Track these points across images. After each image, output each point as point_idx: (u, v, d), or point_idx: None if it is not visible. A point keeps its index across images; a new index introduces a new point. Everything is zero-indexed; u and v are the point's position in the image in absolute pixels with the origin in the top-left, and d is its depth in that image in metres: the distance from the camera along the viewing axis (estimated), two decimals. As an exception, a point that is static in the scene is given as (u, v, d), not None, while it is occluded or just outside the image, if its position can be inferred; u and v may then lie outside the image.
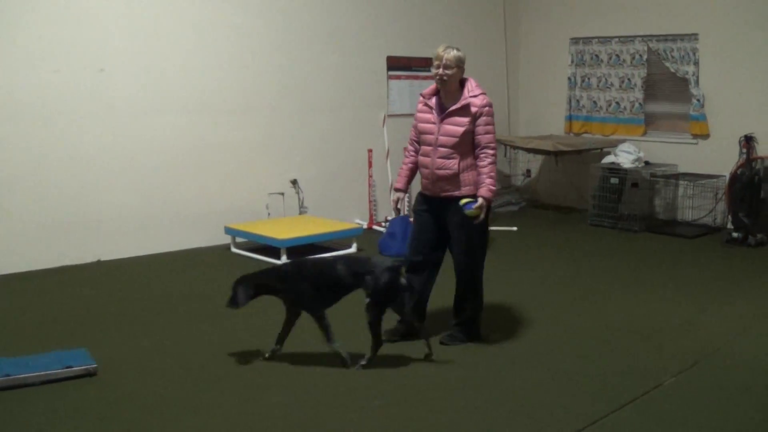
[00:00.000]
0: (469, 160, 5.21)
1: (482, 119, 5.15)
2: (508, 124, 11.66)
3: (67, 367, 4.86)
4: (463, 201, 5.11)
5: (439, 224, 5.38)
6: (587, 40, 11.06)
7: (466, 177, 5.21)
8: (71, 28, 7.58)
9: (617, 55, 10.75)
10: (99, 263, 7.84)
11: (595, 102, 11.12)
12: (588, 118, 11.22)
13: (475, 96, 5.18)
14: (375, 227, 9.82)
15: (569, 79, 11.30)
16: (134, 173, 8.05)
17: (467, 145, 5.20)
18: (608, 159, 10.12)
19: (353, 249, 8.30)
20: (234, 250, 8.36)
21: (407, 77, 10.37)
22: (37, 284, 7.16)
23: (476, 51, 10.00)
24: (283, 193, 9.09)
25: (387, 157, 10.01)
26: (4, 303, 6.62)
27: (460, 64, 5.17)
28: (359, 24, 9.74)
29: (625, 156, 9.91)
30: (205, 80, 8.43)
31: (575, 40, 11.18)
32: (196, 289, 6.97)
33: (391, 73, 10.22)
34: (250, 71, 8.69)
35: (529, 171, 11.79)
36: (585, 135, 11.22)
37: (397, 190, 5.59)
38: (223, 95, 8.57)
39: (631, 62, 10.62)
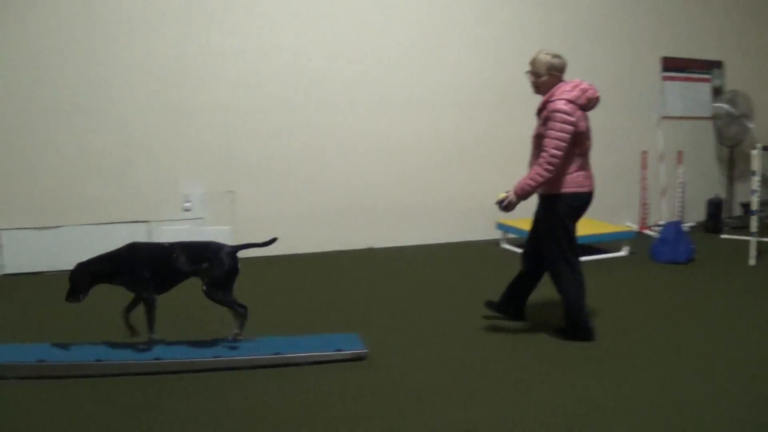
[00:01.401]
0: None
1: (549, 124, 5.05)
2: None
3: (338, 350, 4.91)
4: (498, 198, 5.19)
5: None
6: None
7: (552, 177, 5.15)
8: (355, 19, 7.88)
9: None
10: (371, 250, 8.07)
11: None
12: None
13: (551, 101, 5.10)
14: (646, 231, 9.42)
15: None
16: (410, 165, 8.22)
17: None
18: None
19: (624, 252, 8.04)
20: (504, 245, 8.34)
21: (683, 79, 9.96)
22: (311, 266, 7.42)
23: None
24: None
25: (661, 160, 9.56)
26: (280, 283, 6.90)
27: (551, 70, 5.15)
28: (632, 23, 9.38)
29: None
30: (476, 77, 8.41)
31: None
32: (465, 282, 6.91)
33: (666, 74, 9.81)
34: (515, 69, 8.58)
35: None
36: None
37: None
38: (494, 91, 8.52)
39: None
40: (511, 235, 8.26)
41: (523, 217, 8.36)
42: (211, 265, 4.90)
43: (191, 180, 7.65)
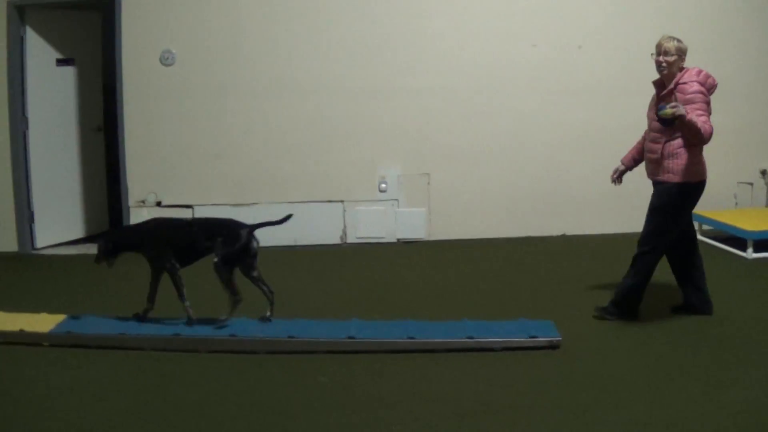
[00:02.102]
0: (672, 147, 5.20)
1: (693, 105, 5.05)
2: None
3: (532, 337, 4.87)
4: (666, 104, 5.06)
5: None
6: None
7: (670, 164, 5.21)
8: (551, 3, 7.77)
9: None
10: (564, 237, 7.99)
11: None
12: None
13: (684, 83, 5.15)
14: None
15: None
16: (608, 153, 8.02)
17: (671, 132, 5.18)
18: None
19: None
20: (700, 237, 8.06)
21: None
22: (502, 252, 7.42)
23: None
24: (752, 183, 8.55)
25: None
26: (470, 266, 6.95)
27: (680, 53, 5.22)
28: None
29: None
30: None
31: None
32: (661, 273, 6.68)
33: None
34: (729, 58, 8.22)
35: None
36: None
37: (622, 162, 5.85)
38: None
39: None
40: (706, 227, 7.96)
41: (720, 209, 8.09)
42: (224, 240, 5.09)
43: (388, 161, 7.81)
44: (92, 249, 7.82)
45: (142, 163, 7.79)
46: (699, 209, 7.91)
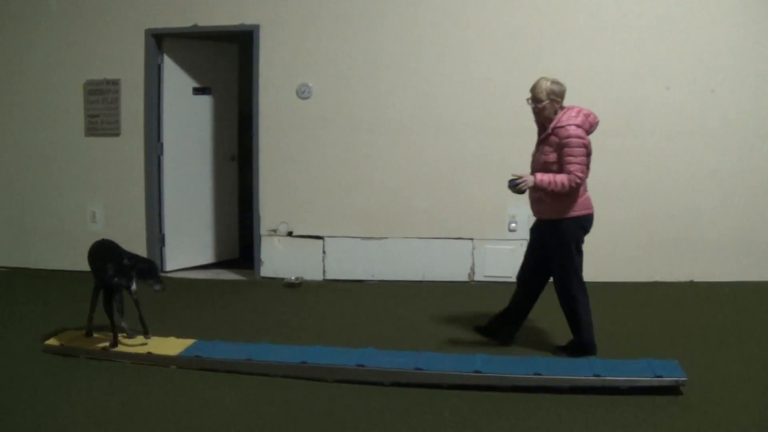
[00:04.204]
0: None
1: (566, 150, 5.21)
2: None
3: (657, 377, 4.75)
4: (511, 177, 5.26)
5: (543, 246, 5.56)
6: None
7: (555, 204, 5.32)
8: (684, 46, 7.60)
9: None
10: (692, 284, 7.73)
11: None
12: None
13: (561, 127, 5.23)
14: None
15: None
16: (739, 195, 7.77)
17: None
18: None
19: None
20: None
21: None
22: (628, 294, 7.28)
23: None
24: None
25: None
26: (601, 309, 6.81)
27: (552, 96, 5.29)
28: None
29: None
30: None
31: None
32: None
33: None
34: None
35: None
36: None
37: None
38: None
39: None
40: None
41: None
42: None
43: (518, 201, 7.70)
44: (221, 275, 8.05)
45: (275, 192, 7.95)
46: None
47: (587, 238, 5.29)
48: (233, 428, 4.29)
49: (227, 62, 8.64)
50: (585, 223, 5.47)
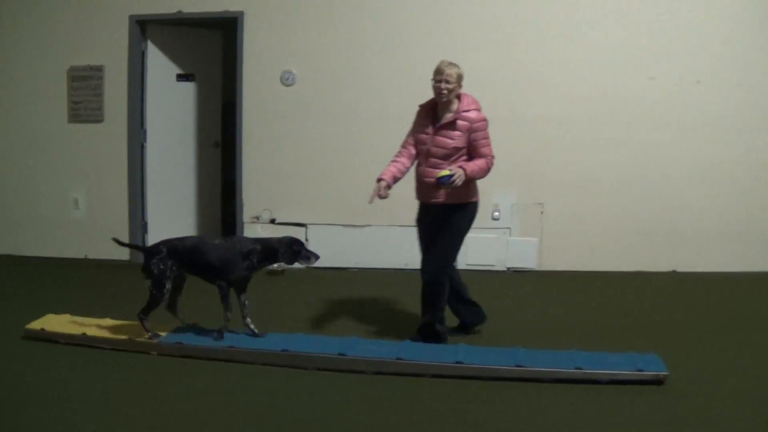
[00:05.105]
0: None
1: (479, 134, 5.27)
2: None
3: (638, 371, 4.78)
4: (441, 173, 5.14)
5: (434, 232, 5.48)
6: None
7: (463, 188, 5.27)
8: (669, 37, 7.60)
9: None
10: (674, 273, 7.78)
11: None
12: None
13: (467, 111, 5.26)
14: None
15: None
16: (723, 188, 7.80)
17: (457, 158, 5.30)
18: None
19: None
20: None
21: None
22: (611, 284, 7.28)
23: None
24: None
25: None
26: (579, 298, 6.87)
27: (459, 80, 5.31)
28: None
29: None
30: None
31: None
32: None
33: None
34: None
35: None
36: None
37: (379, 180, 5.56)
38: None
39: None
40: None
41: None
42: None
43: (502, 190, 7.72)
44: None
45: (258, 180, 7.94)
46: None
47: (569, 228, 5.34)
48: (214, 416, 4.29)
49: (211, 49, 8.61)
50: (475, 209, 5.54)
